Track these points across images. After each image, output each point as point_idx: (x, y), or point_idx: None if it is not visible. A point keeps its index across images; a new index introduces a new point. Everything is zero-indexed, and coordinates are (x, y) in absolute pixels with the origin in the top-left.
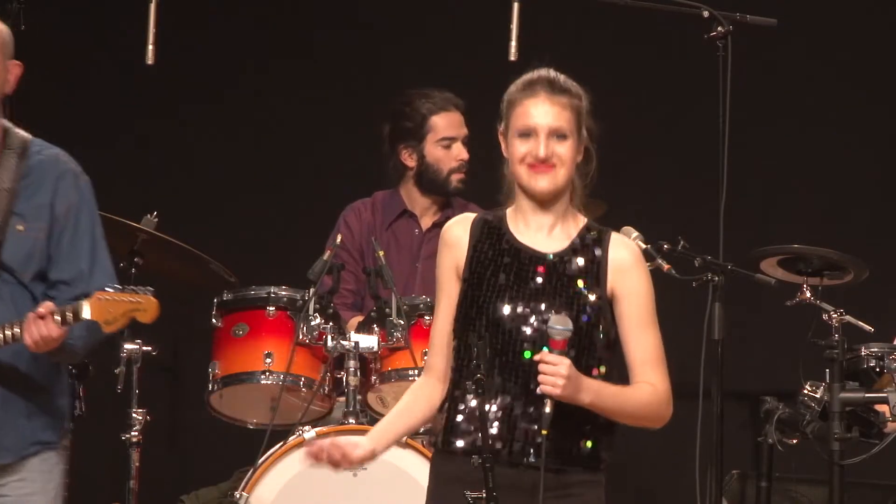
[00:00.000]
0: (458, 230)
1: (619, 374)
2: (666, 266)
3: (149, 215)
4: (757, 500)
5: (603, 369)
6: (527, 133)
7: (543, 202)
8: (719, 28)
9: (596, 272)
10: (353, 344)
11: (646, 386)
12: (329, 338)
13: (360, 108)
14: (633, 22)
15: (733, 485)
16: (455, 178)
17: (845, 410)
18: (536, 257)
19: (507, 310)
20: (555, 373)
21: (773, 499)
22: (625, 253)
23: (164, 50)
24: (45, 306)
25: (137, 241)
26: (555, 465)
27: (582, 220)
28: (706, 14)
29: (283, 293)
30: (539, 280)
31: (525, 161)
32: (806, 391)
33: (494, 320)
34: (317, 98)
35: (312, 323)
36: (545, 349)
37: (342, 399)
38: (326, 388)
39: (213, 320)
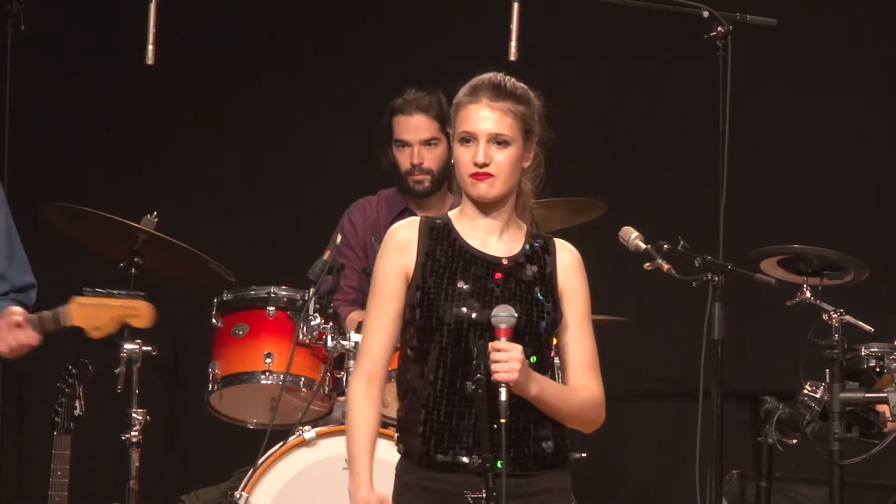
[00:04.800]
0: (406, 233)
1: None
2: (666, 266)
3: (149, 215)
4: (757, 500)
5: (548, 374)
6: (468, 138)
7: (486, 207)
8: (719, 28)
9: (549, 279)
10: (353, 344)
11: (584, 388)
12: (329, 338)
13: (360, 109)
14: (634, 22)
15: (733, 485)
16: (411, 179)
17: (845, 410)
18: (492, 263)
19: (468, 318)
20: (509, 358)
21: (773, 499)
22: (570, 256)
23: (165, 50)
24: (20, 314)
25: (137, 241)
26: (524, 472)
27: (524, 227)
28: (706, 14)
29: (283, 293)
30: (498, 287)
31: (466, 167)
32: (806, 391)
33: (456, 329)
34: (317, 98)
35: (312, 323)
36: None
37: (342, 399)
38: (326, 388)
39: (213, 320)
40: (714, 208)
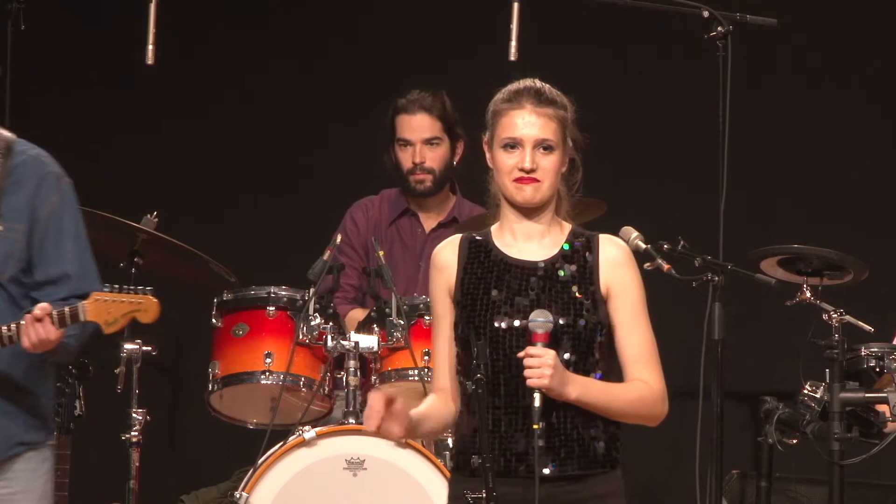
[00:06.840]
0: (448, 253)
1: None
2: (666, 266)
3: (149, 215)
4: (757, 500)
5: (599, 374)
6: (512, 144)
7: (528, 212)
8: (719, 28)
9: (589, 276)
10: (353, 344)
11: (638, 383)
12: (329, 338)
13: (359, 109)
14: (633, 22)
15: (733, 485)
16: (413, 178)
17: (845, 410)
18: (527, 268)
19: (503, 325)
20: (541, 364)
21: (773, 499)
22: (616, 251)
23: (164, 50)
24: (42, 308)
25: (137, 241)
26: (574, 472)
27: (567, 227)
28: (706, 14)
29: (283, 293)
30: (533, 291)
31: (510, 173)
32: (806, 391)
33: (492, 338)
34: (317, 98)
35: (312, 323)
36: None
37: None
38: (326, 388)
39: (213, 320)
40: (714, 208)
